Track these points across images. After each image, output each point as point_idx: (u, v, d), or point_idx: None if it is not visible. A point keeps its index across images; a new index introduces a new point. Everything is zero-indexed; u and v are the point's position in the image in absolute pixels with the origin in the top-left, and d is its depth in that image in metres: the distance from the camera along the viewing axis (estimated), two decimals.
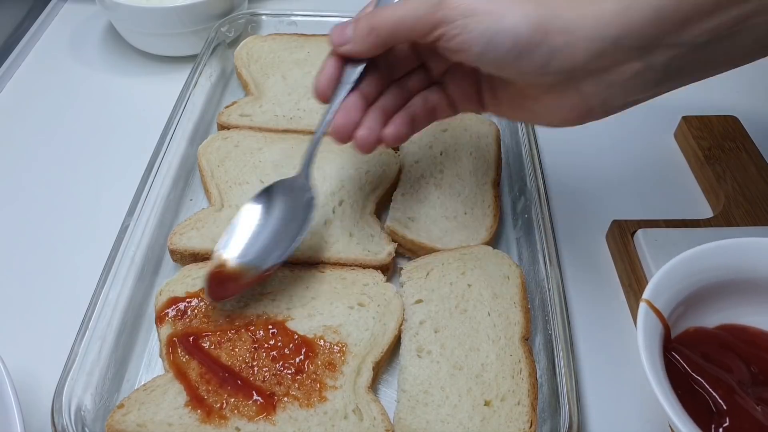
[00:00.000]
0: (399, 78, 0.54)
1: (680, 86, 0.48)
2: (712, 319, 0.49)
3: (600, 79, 0.45)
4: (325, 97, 0.52)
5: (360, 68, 0.51)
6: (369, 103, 0.52)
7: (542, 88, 0.47)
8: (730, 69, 0.47)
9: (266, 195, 0.57)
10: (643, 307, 0.46)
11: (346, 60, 0.51)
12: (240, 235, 0.55)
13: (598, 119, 0.50)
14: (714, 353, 0.47)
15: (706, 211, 0.69)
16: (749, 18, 0.42)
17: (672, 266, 0.48)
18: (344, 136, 0.51)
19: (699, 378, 0.46)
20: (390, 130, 0.52)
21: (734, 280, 0.48)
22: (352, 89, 0.51)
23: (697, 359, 0.47)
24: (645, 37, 0.42)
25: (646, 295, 0.46)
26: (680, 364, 0.47)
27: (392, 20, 0.47)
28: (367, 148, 0.51)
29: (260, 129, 0.73)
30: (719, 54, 0.45)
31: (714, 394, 0.45)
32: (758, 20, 0.42)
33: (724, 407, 0.44)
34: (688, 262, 0.48)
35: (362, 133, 0.51)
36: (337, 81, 0.51)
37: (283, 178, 0.57)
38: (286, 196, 0.56)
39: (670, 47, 0.43)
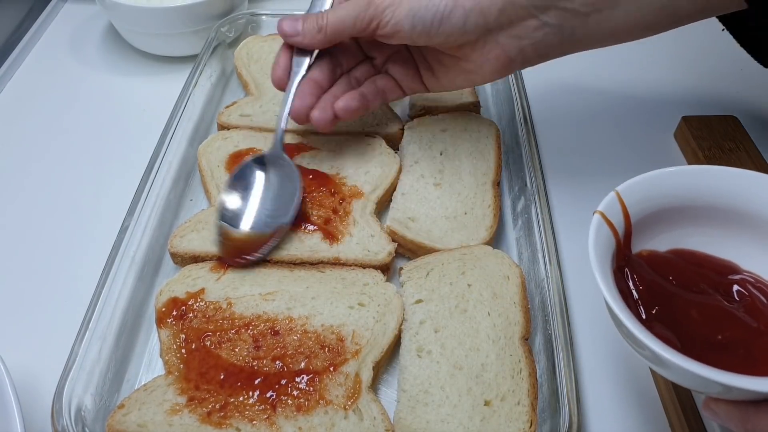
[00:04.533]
0: (348, 70, 0.65)
1: (584, 50, 0.59)
2: (663, 243, 0.49)
3: (510, 32, 0.57)
4: (282, 84, 0.63)
5: (308, 58, 0.62)
6: (323, 91, 0.62)
7: (468, 46, 0.58)
8: (617, 42, 0.58)
9: (250, 168, 0.63)
10: (596, 218, 0.45)
11: (296, 50, 0.63)
12: (247, 205, 0.61)
13: (521, 69, 0.62)
14: (667, 275, 0.47)
15: None
16: None
17: (627, 187, 0.47)
18: (302, 118, 0.62)
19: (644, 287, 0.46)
20: (341, 103, 0.61)
21: (685, 206, 0.48)
22: (305, 76, 0.62)
23: (650, 275, 0.47)
24: None
25: (600, 207, 0.46)
26: (632, 278, 0.47)
27: (335, 20, 0.58)
28: (324, 126, 0.61)
29: (260, 129, 0.73)
30: (603, 25, 0.56)
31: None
32: None
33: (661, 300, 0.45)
34: (642, 185, 0.48)
35: (316, 114, 0.61)
36: (290, 70, 0.63)
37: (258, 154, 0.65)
38: (271, 166, 0.64)
39: (559, 10, 0.55)
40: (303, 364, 0.52)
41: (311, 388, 0.51)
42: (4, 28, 0.89)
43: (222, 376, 0.52)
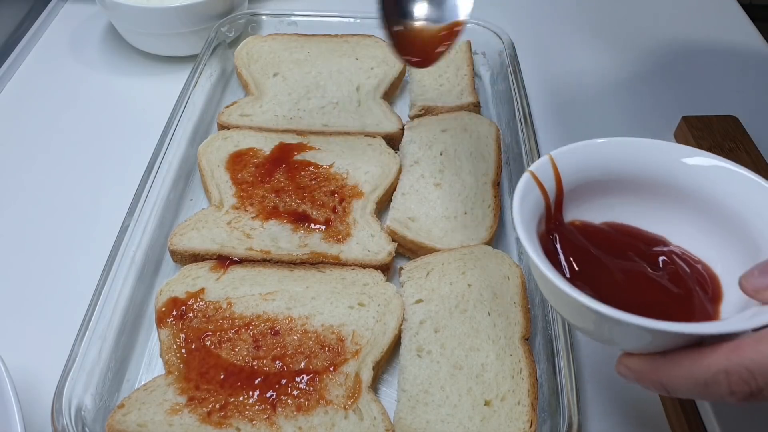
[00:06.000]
0: None
1: None
2: (597, 214, 0.48)
3: None
4: None
5: None
6: None
7: None
8: None
9: None
10: (525, 176, 0.45)
11: None
12: None
13: None
14: (596, 243, 0.47)
15: None
16: None
17: (561, 152, 0.46)
18: None
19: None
20: None
21: (619, 178, 0.47)
22: None
23: (579, 241, 0.46)
24: None
25: (531, 167, 0.45)
26: (560, 242, 0.46)
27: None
28: None
29: (260, 129, 0.73)
30: None
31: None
32: None
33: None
34: (576, 153, 0.47)
35: None
36: None
37: None
38: None
39: None
40: (303, 364, 0.52)
41: (311, 388, 0.51)
42: (4, 28, 0.89)
43: (222, 376, 0.52)
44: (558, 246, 0.46)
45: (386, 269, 0.61)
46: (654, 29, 0.95)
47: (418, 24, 0.56)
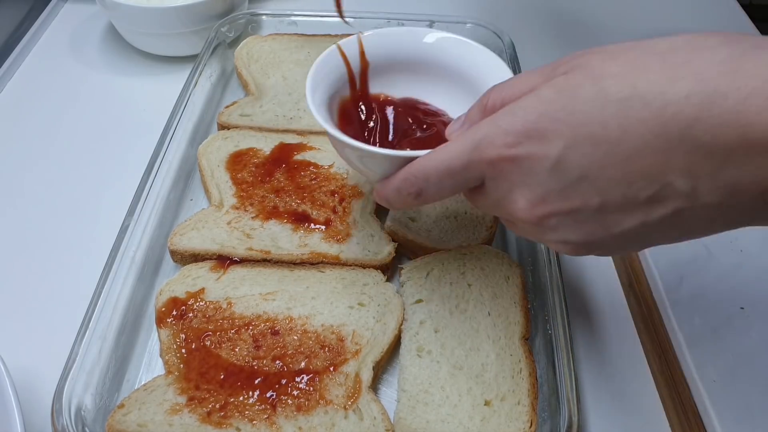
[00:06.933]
0: None
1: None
2: (399, 89, 0.58)
3: None
4: None
5: None
6: None
7: None
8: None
9: None
10: (332, 47, 0.55)
11: None
12: None
13: None
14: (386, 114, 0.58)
15: None
16: None
17: (369, 34, 0.56)
18: None
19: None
20: None
21: (416, 61, 0.57)
22: None
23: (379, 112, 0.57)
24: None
25: (339, 42, 0.55)
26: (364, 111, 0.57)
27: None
28: None
29: (260, 129, 0.73)
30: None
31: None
32: None
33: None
34: (381, 36, 0.57)
35: None
36: None
37: None
38: None
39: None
40: (303, 364, 0.52)
41: (311, 388, 0.51)
42: (4, 28, 0.89)
43: (222, 376, 0.52)
44: (362, 114, 0.57)
45: (386, 269, 0.61)
46: (654, 29, 0.95)
47: None
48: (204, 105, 0.77)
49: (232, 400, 0.50)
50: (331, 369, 0.52)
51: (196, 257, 0.60)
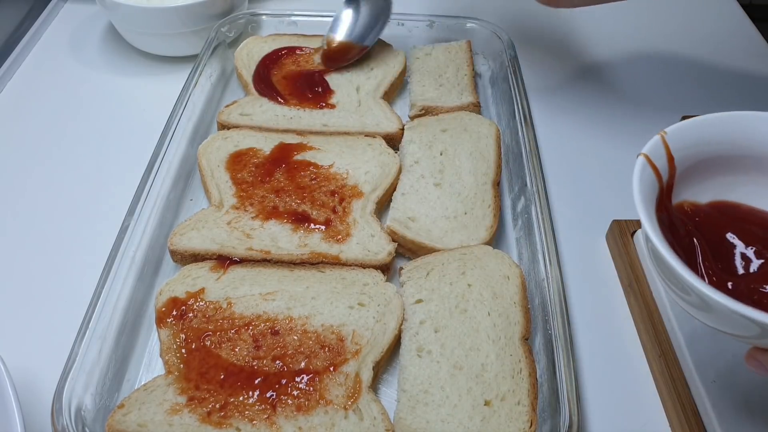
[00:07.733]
0: None
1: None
2: (705, 194, 0.46)
3: None
4: None
5: None
6: None
7: None
8: None
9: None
10: (640, 160, 0.43)
11: None
12: (343, 22, 0.80)
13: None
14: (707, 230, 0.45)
15: None
16: None
17: (674, 130, 0.45)
18: None
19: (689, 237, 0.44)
20: None
21: (732, 155, 0.45)
22: None
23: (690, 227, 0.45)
24: None
25: (644, 149, 0.44)
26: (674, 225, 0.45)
27: None
28: None
29: (260, 129, 0.73)
30: None
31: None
32: None
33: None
34: (691, 130, 0.45)
35: None
36: None
37: None
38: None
39: None
40: (303, 364, 0.52)
41: (311, 388, 0.51)
42: (4, 28, 0.89)
43: (222, 376, 0.52)
44: (668, 231, 0.43)
45: (386, 269, 0.61)
46: (654, 29, 0.95)
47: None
48: (204, 105, 0.77)
49: (232, 400, 0.50)
50: (331, 369, 0.52)
51: (196, 257, 0.61)
